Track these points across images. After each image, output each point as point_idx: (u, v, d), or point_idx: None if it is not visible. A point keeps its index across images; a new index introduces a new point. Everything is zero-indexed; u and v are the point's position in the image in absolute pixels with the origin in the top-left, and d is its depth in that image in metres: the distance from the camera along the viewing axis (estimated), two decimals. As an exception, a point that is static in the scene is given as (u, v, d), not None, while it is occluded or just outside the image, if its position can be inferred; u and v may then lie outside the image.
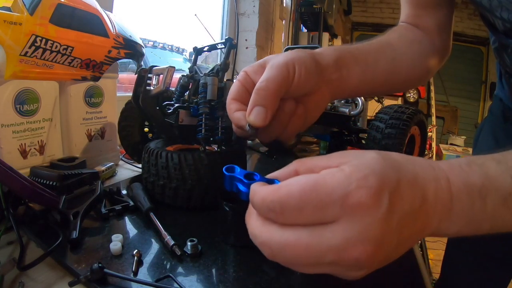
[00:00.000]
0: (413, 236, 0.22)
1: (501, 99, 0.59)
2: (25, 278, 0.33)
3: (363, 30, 5.00)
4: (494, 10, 0.40)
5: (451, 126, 4.70)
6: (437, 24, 0.49)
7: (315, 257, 0.21)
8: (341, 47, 0.40)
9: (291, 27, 2.36)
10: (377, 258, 0.21)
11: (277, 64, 0.31)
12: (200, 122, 0.52)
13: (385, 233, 0.20)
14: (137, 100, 0.53)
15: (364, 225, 0.20)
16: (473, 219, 0.23)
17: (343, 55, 0.37)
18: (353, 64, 0.38)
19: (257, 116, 0.30)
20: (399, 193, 0.21)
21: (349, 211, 0.20)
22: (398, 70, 0.45)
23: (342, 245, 0.20)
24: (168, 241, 0.38)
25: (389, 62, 0.43)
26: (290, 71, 0.31)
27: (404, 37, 0.47)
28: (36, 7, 0.50)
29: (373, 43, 0.43)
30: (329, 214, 0.20)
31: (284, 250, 0.21)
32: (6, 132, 0.53)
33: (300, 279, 0.35)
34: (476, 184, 0.23)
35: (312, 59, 0.34)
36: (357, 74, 0.39)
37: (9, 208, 0.40)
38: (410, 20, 0.51)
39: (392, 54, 0.44)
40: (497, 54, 0.51)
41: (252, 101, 0.30)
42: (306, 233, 0.21)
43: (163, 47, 1.69)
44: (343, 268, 0.21)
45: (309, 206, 0.20)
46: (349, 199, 0.20)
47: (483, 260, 0.61)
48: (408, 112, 0.67)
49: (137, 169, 0.73)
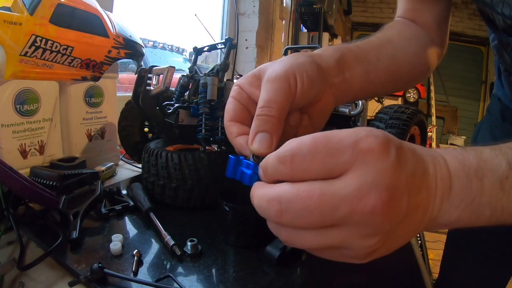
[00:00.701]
0: (419, 210, 0.22)
1: (500, 99, 0.59)
2: (25, 278, 0.33)
3: (363, 30, 5.01)
4: (495, 6, 0.40)
5: (451, 126, 4.70)
6: (434, 18, 0.49)
7: (328, 209, 0.20)
8: (340, 46, 0.38)
9: (291, 27, 2.36)
10: (391, 214, 0.20)
11: (275, 77, 0.28)
12: (200, 122, 0.52)
13: (396, 183, 0.20)
14: (137, 100, 0.53)
15: (376, 171, 0.20)
16: (473, 202, 0.23)
17: (344, 55, 0.36)
18: (355, 64, 0.37)
19: (261, 144, 0.27)
20: (404, 151, 0.22)
21: (360, 157, 0.20)
22: (400, 67, 0.44)
23: (356, 194, 0.20)
24: (168, 241, 0.38)
25: (391, 59, 0.42)
26: (292, 83, 0.29)
27: (403, 33, 0.47)
28: (36, 7, 0.50)
29: (372, 41, 0.42)
30: (340, 161, 0.20)
31: (295, 202, 0.21)
32: (6, 132, 0.53)
33: (300, 279, 0.35)
34: (472, 164, 0.23)
35: (312, 64, 0.31)
36: (360, 75, 0.37)
37: (9, 208, 0.40)
38: (407, 15, 0.50)
39: (392, 51, 0.43)
40: (497, 52, 0.51)
41: (254, 127, 0.27)
42: (318, 184, 0.20)
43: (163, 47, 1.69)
44: (357, 228, 0.21)
45: (320, 153, 0.20)
46: (359, 144, 0.20)
47: (482, 259, 0.61)
48: (408, 112, 0.67)
49: (137, 169, 0.73)
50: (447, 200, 0.23)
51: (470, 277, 0.63)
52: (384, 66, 0.41)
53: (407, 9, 0.50)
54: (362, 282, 0.36)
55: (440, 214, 0.23)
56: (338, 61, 0.35)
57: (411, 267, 0.40)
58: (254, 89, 0.30)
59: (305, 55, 0.32)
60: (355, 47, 0.39)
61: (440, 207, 0.23)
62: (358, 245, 0.21)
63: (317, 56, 0.33)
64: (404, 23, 0.49)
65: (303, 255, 0.39)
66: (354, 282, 0.36)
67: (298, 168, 0.21)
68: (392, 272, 0.37)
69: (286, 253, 0.37)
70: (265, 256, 0.37)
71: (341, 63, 0.35)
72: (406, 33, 0.47)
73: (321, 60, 0.33)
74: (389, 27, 0.47)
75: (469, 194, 0.22)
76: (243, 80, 0.31)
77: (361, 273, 0.37)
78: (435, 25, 0.49)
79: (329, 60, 0.34)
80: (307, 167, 0.21)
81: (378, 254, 0.22)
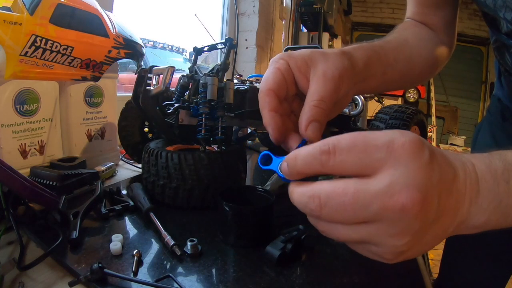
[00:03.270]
0: (449, 214, 0.22)
1: (500, 99, 0.59)
2: (25, 278, 0.33)
3: (363, 30, 5.01)
4: (498, 11, 0.40)
5: (451, 126, 4.70)
6: (443, 21, 0.50)
7: (361, 206, 0.21)
8: (368, 45, 0.39)
9: (291, 27, 2.36)
10: (421, 214, 0.21)
11: (332, 77, 0.31)
12: (200, 122, 0.52)
13: (428, 184, 0.21)
14: (137, 100, 0.53)
15: (408, 170, 0.21)
16: (500, 204, 0.23)
17: (371, 57, 0.37)
18: (377, 66, 0.38)
19: (314, 132, 0.29)
20: (435, 155, 0.22)
21: (394, 155, 0.21)
22: (413, 69, 0.46)
23: (388, 190, 0.20)
24: (168, 241, 0.38)
25: (406, 61, 0.44)
26: (342, 87, 0.31)
27: (418, 35, 0.48)
28: (36, 7, 0.50)
29: (391, 41, 0.44)
30: (375, 158, 0.21)
31: (333, 198, 0.22)
32: (6, 132, 0.53)
33: (300, 279, 0.35)
34: (498, 167, 0.23)
35: (352, 70, 0.33)
36: (379, 75, 0.39)
37: (9, 208, 0.40)
38: (417, 18, 0.51)
39: (409, 52, 0.44)
40: (498, 54, 0.51)
41: (310, 115, 0.29)
42: (353, 182, 0.22)
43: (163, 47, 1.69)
44: (387, 226, 0.21)
45: (357, 147, 0.22)
46: (394, 144, 0.21)
47: (482, 259, 0.61)
48: (408, 112, 0.67)
49: (137, 169, 0.73)
50: (475, 203, 0.23)
51: (470, 277, 0.63)
52: (400, 67, 0.42)
53: (416, 12, 0.52)
54: (362, 282, 0.36)
55: (469, 218, 0.23)
56: (366, 64, 0.36)
57: (411, 267, 0.40)
58: (301, 75, 0.31)
59: (345, 55, 0.33)
60: (380, 47, 0.40)
61: (469, 211, 0.23)
62: (387, 243, 0.22)
63: (352, 57, 0.35)
64: (416, 25, 0.51)
65: (303, 255, 0.39)
66: (354, 282, 0.35)
67: (336, 158, 0.22)
68: (392, 272, 0.37)
69: (286, 253, 0.37)
70: (265, 256, 0.37)
71: (368, 66, 0.37)
72: (420, 35, 0.48)
73: (355, 63, 0.35)
74: (404, 28, 0.49)
75: (497, 196, 0.23)
76: (291, 58, 0.31)
77: (361, 273, 0.37)
78: (443, 27, 0.50)
79: (359, 62, 0.35)
80: (344, 158, 0.22)
81: (405, 256, 0.23)
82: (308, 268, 0.37)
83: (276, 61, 0.32)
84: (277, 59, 0.32)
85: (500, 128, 0.59)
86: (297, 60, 0.31)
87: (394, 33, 0.47)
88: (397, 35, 0.46)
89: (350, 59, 0.34)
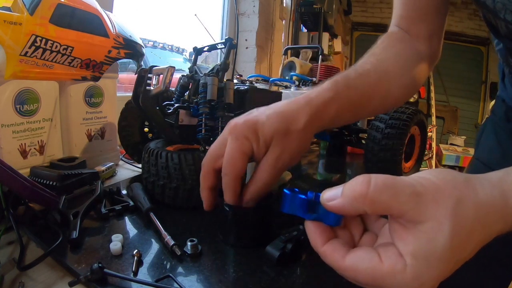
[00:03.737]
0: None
1: (504, 100, 0.59)
2: (25, 278, 0.33)
3: (363, 30, 5.00)
4: (498, 12, 0.40)
5: (451, 126, 4.70)
6: (428, 30, 0.49)
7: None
8: (343, 89, 0.39)
9: (291, 27, 2.36)
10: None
11: (280, 166, 0.34)
12: (200, 122, 0.52)
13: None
14: (137, 100, 0.53)
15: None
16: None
17: (342, 108, 0.38)
18: (347, 114, 0.40)
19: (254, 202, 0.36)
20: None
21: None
22: (388, 100, 0.46)
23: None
24: (168, 241, 0.38)
25: (383, 98, 0.44)
26: (298, 157, 0.36)
27: (400, 58, 0.47)
28: (36, 7, 0.50)
29: (370, 75, 0.43)
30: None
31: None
32: (6, 132, 0.53)
33: (300, 279, 0.35)
34: None
35: (315, 129, 0.36)
36: (347, 119, 0.41)
37: (9, 208, 0.40)
38: (402, 24, 0.50)
39: (387, 87, 0.44)
40: (501, 56, 0.51)
41: (253, 195, 0.36)
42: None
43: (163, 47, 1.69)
44: None
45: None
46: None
47: (483, 259, 0.60)
48: (408, 112, 0.67)
49: (137, 169, 0.73)
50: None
51: (470, 277, 0.63)
52: (373, 105, 0.44)
53: (402, 16, 0.50)
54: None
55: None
56: (336, 116, 0.38)
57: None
58: (260, 154, 0.35)
59: (312, 124, 0.36)
60: (354, 89, 0.40)
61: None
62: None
63: (320, 118, 0.37)
64: (400, 40, 0.49)
65: (303, 255, 0.39)
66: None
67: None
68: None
69: (286, 253, 0.37)
70: (265, 256, 0.37)
71: (337, 117, 0.38)
72: (402, 57, 0.47)
73: (322, 121, 0.37)
74: (389, 46, 0.48)
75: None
76: (254, 141, 0.34)
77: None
78: (428, 36, 0.49)
79: (327, 118, 0.37)
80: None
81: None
82: (308, 268, 0.37)
83: (242, 142, 0.34)
84: (242, 139, 0.34)
85: (504, 130, 0.58)
86: (259, 142, 0.34)
87: (377, 54, 0.46)
88: (379, 64, 0.44)
89: (318, 122, 0.36)
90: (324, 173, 0.87)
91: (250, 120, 0.34)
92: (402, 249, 0.22)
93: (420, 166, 0.80)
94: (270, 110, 0.36)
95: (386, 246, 0.23)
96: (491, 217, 0.22)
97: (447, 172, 0.23)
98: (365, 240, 0.27)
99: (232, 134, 0.34)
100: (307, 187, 0.72)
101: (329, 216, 0.25)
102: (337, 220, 0.25)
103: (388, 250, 0.22)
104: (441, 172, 0.23)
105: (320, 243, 0.25)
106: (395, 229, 0.23)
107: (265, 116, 0.34)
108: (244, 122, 0.34)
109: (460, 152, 3.52)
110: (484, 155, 0.61)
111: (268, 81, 0.88)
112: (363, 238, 0.27)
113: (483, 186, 0.23)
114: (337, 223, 0.25)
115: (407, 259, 0.21)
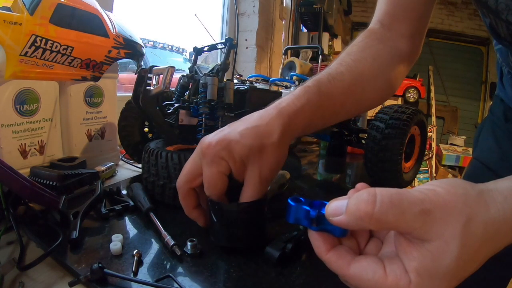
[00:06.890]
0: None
1: (502, 100, 0.59)
2: (25, 278, 0.33)
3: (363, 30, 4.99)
4: (500, 13, 0.39)
5: (451, 126, 4.70)
6: (412, 27, 0.48)
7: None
8: (314, 94, 0.38)
9: (291, 27, 2.36)
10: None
11: (264, 180, 0.35)
12: (200, 122, 0.52)
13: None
14: (137, 100, 0.53)
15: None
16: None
17: (314, 116, 0.38)
18: (319, 120, 0.39)
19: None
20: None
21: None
22: (363, 102, 0.46)
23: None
24: (168, 241, 0.38)
25: (356, 102, 0.44)
26: (277, 168, 0.36)
27: (377, 59, 0.46)
28: (36, 7, 0.50)
29: (345, 78, 0.41)
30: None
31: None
32: (6, 132, 0.53)
33: (300, 279, 0.35)
34: None
35: (289, 142, 0.36)
36: (320, 126, 0.41)
37: (9, 208, 0.40)
38: (385, 20, 0.49)
39: (361, 91, 0.43)
40: (501, 55, 0.51)
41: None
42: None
43: (163, 47, 1.69)
44: None
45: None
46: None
47: None
48: (408, 112, 0.67)
49: (137, 169, 0.73)
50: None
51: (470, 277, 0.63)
52: (346, 110, 0.43)
53: (387, 12, 0.49)
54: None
55: None
56: (307, 125, 0.38)
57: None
58: (239, 175, 0.36)
59: (285, 138, 0.35)
60: (326, 96, 0.40)
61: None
62: None
63: (293, 131, 0.36)
64: (379, 40, 0.47)
65: (303, 255, 0.39)
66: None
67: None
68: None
69: (286, 253, 0.37)
70: (265, 256, 0.37)
71: (309, 126, 0.38)
72: (380, 58, 0.46)
73: (295, 132, 0.37)
74: (367, 46, 0.46)
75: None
76: (230, 159, 0.34)
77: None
78: (410, 35, 0.48)
79: (299, 127, 0.37)
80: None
81: None
82: (308, 268, 0.37)
83: (218, 163, 0.34)
84: (218, 160, 0.34)
85: (502, 129, 0.58)
86: (236, 161, 0.34)
87: (353, 54, 0.45)
88: (355, 66, 0.43)
89: (291, 132, 0.36)
90: (324, 173, 0.87)
91: (223, 139, 0.34)
92: (406, 264, 0.21)
93: (420, 166, 0.80)
94: (242, 126, 0.35)
95: (392, 259, 0.23)
96: (502, 232, 0.22)
97: (459, 185, 0.22)
98: (370, 247, 0.26)
99: (207, 156, 0.34)
100: (307, 187, 0.72)
101: (335, 228, 0.24)
102: (343, 232, 0.24)
103: (393, 263, 0.22)
104: (453, 186, 0.22)
105: (324, 250, 0.25)
106: (400, 242, 0.22)
107: (238, 134, 0.34)
108: (217, 142, 0.34)
109: (460, 152, 3.52)
110: (483, 155, 0.61)
111: (268, 81, 0.88)
112: (368, 244, 0.26)
113: (495, 201, 0.22)
114: (343, 235, 0.25)
115: (412, 275, 0.21)
